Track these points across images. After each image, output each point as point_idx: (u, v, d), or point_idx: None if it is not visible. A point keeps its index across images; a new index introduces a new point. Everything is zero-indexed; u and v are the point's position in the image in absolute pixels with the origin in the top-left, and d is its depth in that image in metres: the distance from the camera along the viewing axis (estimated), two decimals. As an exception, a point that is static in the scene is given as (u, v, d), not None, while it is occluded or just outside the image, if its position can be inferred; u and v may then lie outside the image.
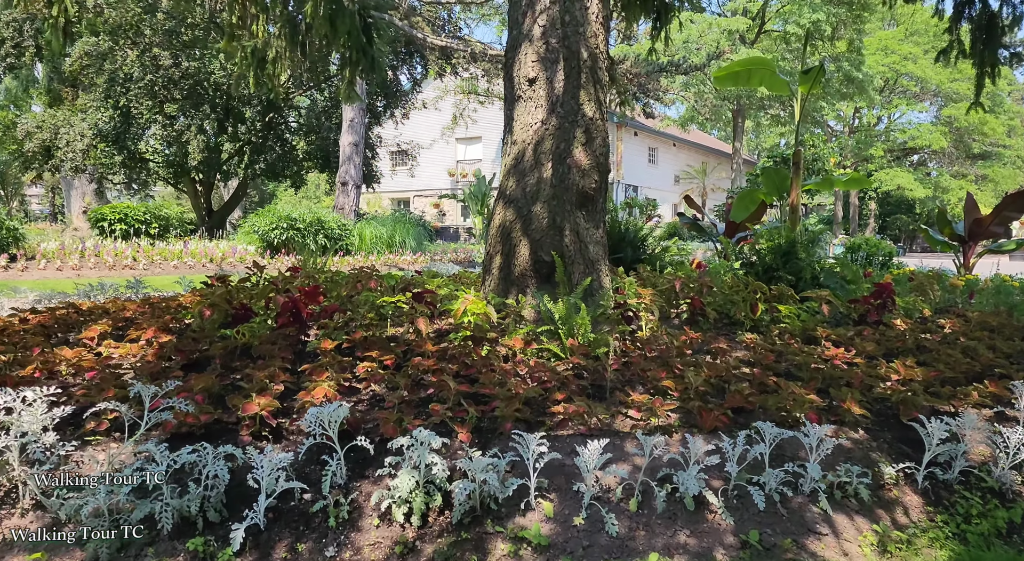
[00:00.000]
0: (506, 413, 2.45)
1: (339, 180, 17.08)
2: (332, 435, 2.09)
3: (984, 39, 5.50)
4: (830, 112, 35.85)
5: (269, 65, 7.57)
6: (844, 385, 3.02)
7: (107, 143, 19.63)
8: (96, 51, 18.26)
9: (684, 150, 40.73)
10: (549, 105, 4.43)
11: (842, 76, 26.27)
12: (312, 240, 13.07)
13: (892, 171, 39.14)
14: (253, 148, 23.61)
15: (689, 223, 9.18)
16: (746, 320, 4.18)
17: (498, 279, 4.48)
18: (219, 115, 21.37)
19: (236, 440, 2.25)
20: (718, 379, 3.06)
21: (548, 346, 3.41)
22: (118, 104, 19.10)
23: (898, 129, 41.82)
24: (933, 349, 3.50)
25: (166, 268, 10.63)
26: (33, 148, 18.39)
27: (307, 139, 23.49)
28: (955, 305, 5.31)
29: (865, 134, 40.81)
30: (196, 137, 19.00)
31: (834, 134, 45.03)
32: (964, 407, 2.86)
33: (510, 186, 4.50)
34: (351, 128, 16.70)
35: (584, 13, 4.47)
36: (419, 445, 2.04)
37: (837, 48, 26.16)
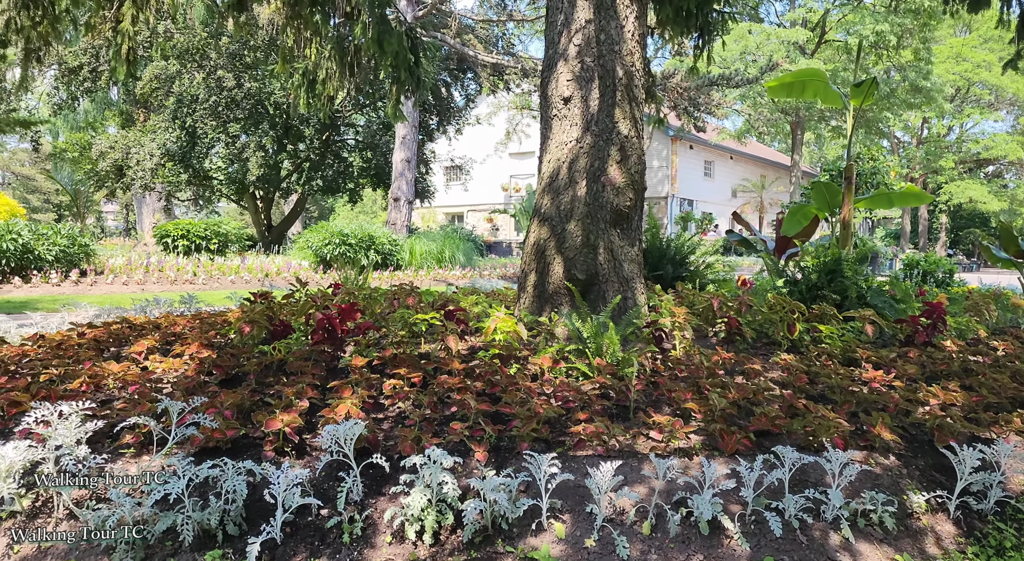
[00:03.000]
0: (523, 432, 2.46)
1: (391, 196, 17.46)
2: (348, 452, 2.15)
3: (1047, 48, 5.26)
4: (896, 123, 34.60)
5: (319, 85, 7.86)
6: (879, 409, 2.92)
7: (174, 162, 20.64)
8: (165, 74, 19.28)
9: (741, 163, 39.96)
10: (584, 123, 4.45)
11: (908, 85, 25.35)
12: (364, 255, 13.38)
13: (964, 183, 37.42)
14: (311, 165, 24.41)
15: (738, 240, 8.99)
16: (783, 340, 4.07)
17: (532, 296, 4.51)
18: (278, 133, 22.20)
19: (260, 455, 2.33)
20: (746, 401, 3.00)
21: (576, 365, 3.41)
22: (184, 124, 20.07)
23: (971, 139, 39.98)
24: (980, 373, 3.34)
25: (223, 283, 11.06)
26: (106, 167, 19.49)
27: (363, 156, 24.14)
28: (1012, 326, 5.04)
29: (935, 145, 39.19)
30: (255, 154, 19.77)
31: (901, 145, 43.42)
32: (1005, 434, 2.72)
33: (544, 204, 4.54)
34: (403, 144, 17.08)
35: (620, 32, 4.49)
36: (431, 464, 2.08)
37: (903, 57, 25.31)
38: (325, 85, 7.90)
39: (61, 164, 30.62)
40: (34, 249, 9.86)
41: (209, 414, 2.35)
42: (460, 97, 25.66)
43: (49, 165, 33.68)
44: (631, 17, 4.52)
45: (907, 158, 39.49)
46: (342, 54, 7.51)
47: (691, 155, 36.76)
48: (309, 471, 2.17)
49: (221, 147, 20.62)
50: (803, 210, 7.95)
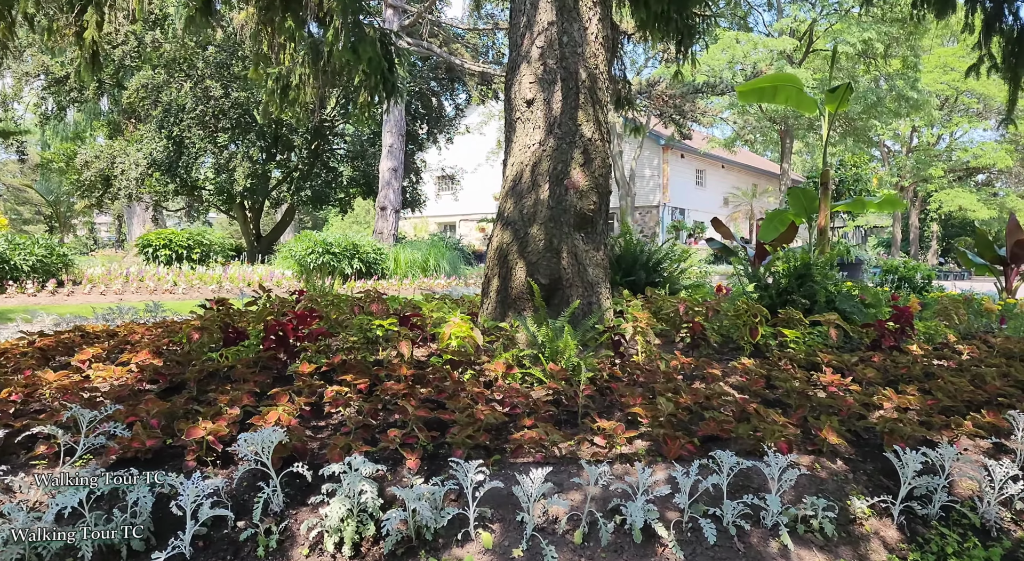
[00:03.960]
0: (458, 439, 2.39)
1: (378, 205, 17.40)
2: (266, 461, 2.07)
3: (1016, 53, 5.24)
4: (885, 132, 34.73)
5: (292, 91, 7.80)
6: (832, 413, 2.85)
7: (161, 172, 20.55)
8: (151, 84, 19.22)
9: (733, 172, 40.08)
10: (546, 126, 4.40)
11: (896, 94, 25.45)
12: (347, 264, 13.31)
13: (953, 191, 37.54)
14: (300, 175, 24.34)
15: (718, 247, 8.96)
16: (746, 345, 4.01)
17: (495, 302, 4.45)
18: (267, 143, 22.14)
19: (182, 466, 2.25)
20: (698, 406, 2.93)
21: (531, 371, 3.34)
22: (171, 134, 20.01)
23: (960, 148, 40.17)
24: (940, 376, 3.28)
25: (204, 292, 10.96)
26: (91, 177, 19.38)
27: (353, 165, 24.10)
28: (986, 331, 4.99)
29: (924, 153, 39.35)
30: (242, 164, 19.70)
31: (891, 154, 43.60)
32: (956, 438, 2.66)
33: (508, 208, 4.48)
34: (390, 154, 17.03)
35: (583, 34, 4.45)
36: (351, 472, 2.00)
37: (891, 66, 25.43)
38: (298, 90, 7.85)
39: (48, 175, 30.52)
40: (9, 259, 9.75)
41: (131, 422, 2.27)
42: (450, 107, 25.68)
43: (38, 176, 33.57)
44: (594, 19, 4.48)
45: (897, 167, 39.62)
46: (315, 59, 7.46)
47: (682, 164, 36.84)
48: (225, 481, 2.09)
49: (208, 157, 20.55)
50: (780, 216, 7.92)
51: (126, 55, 20.23)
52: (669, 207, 36.08)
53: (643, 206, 35.76)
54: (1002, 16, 5.21)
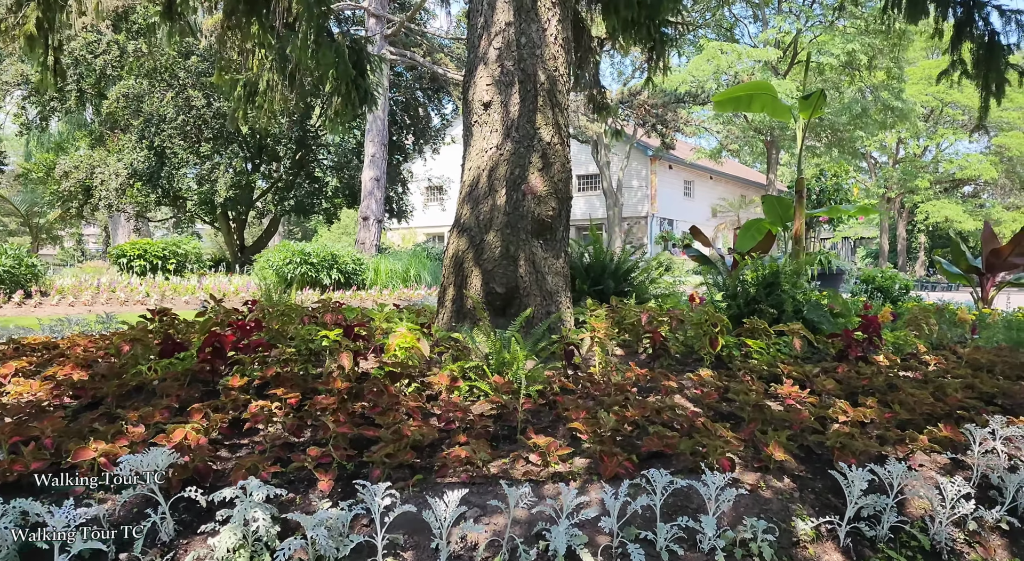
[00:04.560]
0: (376, 458, 2.22)
1: (360, 215, 17.25)
2: (153, 485, 1.90)
3: (986, 59, 5.16)
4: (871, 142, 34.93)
5: (259, 98, 7.66)
6: (785, 427, 2.71)
7: (142, 182, 20.33)
8: (133, 93, 19.05)
9: (721, 183, 40.19)
10: (504, 130, 4.27)
11: (881, 105, 25.58)
12: (326, 275, 13.12)
13: (939, 203, 37.74)
14: (284, 185, 24.17)
15: (696, 256, 8.84)
16: (706, 356, 3.87)
17: (451, 312, 4.29)
18: (250, 153, 21.98)
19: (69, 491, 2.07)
20: (645, 420, 2.78)
21: (477, 383, 3.18)
22: (153, 144, 19.82)
23: (946, 160, 40.43)
24: (901, 388, 3.14)
25: (177, 303, 10.75)
26: (70, 187, 19.14)
27: (338, 175, 23.95)
28: (958, 341, 4.87)
29: (911, 165, 39.57)
30: (225, 174, 19.52)
31: (878, 165, 43.84)
32: (911, 453, 2.52)
33: (464, 214, 4.34)
34: (372, 163, 16.90)
35: (542, 35, 4.33)
36: (245, 497, 1.84)
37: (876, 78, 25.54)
38: (265, 97, 7.71)
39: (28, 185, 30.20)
40: (-26, 269, 9.53)
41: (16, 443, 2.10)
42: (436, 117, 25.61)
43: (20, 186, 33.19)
44: (553, 20, 4.37)
45: (884, 178, 39.80)
46: (283, 65, 7.33)
47: (671, 175, 36.90)
48: (111, 508, 1.92)
49: (189, 167, 20.36)
50: (757, 225, 7.82)
51: (107, 64, 20.08)
52: (657, 218, 36.08)
53: (631, 217, 35.74)
54: (972, 21, 5.14)
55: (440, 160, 33.75)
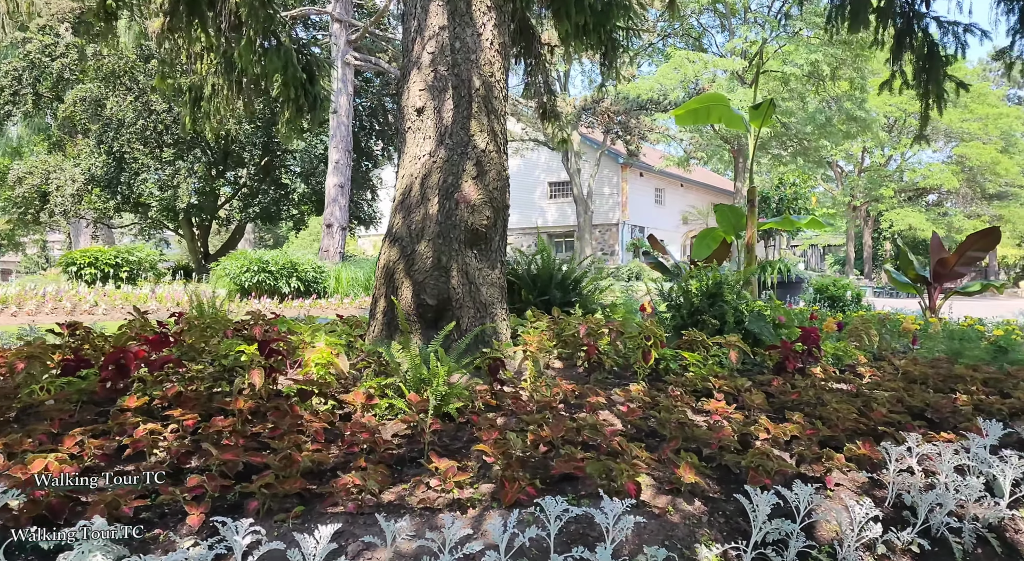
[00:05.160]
0: (253, 489, 2.07)
1: (324, 222, 16.99)
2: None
3: (926, 69, 5.18)
4: (836, 152, 35.49)
5: (205, 103, 7.46)
6: (706, 445, 2.61)
7: (100, 188, 19.83)
8: (90, 97, 18.59)
9: (692, 190, 40.47)
10: (437, 136, 4.15)
11: (844, 116, 25.99)
12: (285, 283, 12.86)
13: (903, 211, 38.47)
14: (250, 191, 23.77)
15: (652, 263, 8.80)
16: (639, 369, 3.77)
17: (382, 324, 4.15)
18: (214, 158, 21.57)
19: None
20: (561, 440, 2.66)
21: (394, 401, 3.04)
22: (111, 149, 19.34)
23: (909, 169, 41.25)
24: (828, 403, 3.06)
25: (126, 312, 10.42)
26: (24, 193, 18.58)
27: (306, 182, 23.63)
28: (902, 351, 4.85)
29: (875, 173, 40.29)
30: (186, 180, 19.12)
31: (844, 174, 44.57)
32: (828, 472, 2.43)
33: (396, 223, 4.21)
34: (336, 170, 16.67)
35: (477, 40, 4.23)
36: (85, 539, 1.68)
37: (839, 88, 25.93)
38: (212, 102, 7.51)
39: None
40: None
41: None
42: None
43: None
44: (489, 25, 4.27)
45: (850, 187, 40.46)
46: (229, 70, 7.14)
47: (642, 183, 37.06)
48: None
49: (150, 173, 19.91)
50: (712, 233, 7.80)
51: (65, 68, 19.59)
52: (629, 225, 36.20)
53: (602, 224, 35.81)
54: (912, 32, 5.16)
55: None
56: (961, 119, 37.89)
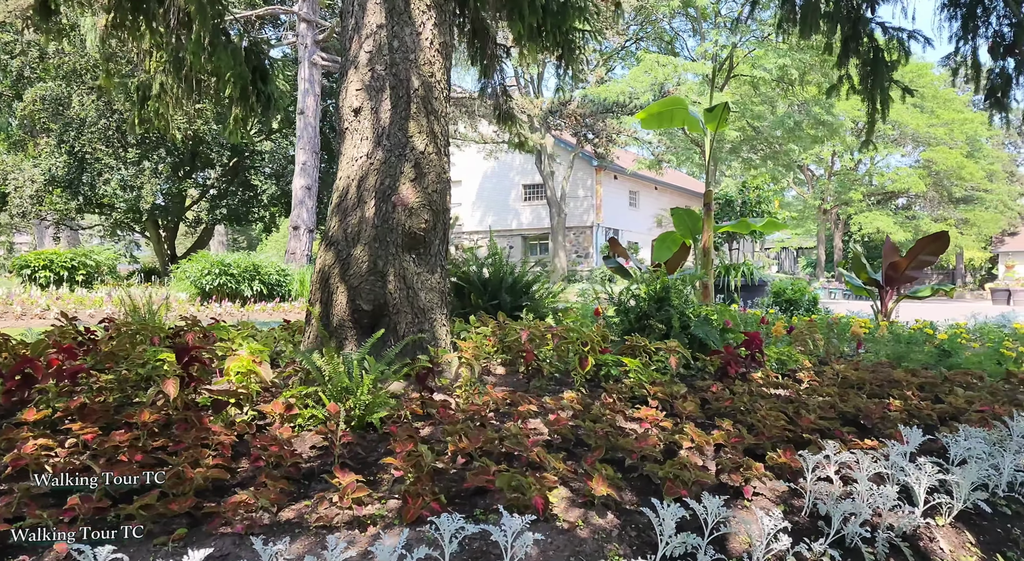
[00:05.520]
0: (132, 510, 1.96)
1: (291, 224, 16.75)
2: None
3: (871, 74, 5.20)
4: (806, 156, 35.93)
5: (152, 102, 7.29)
6: (629, 453, 2.55)
7: (62, 189, 19.38)
8: (50, 96, 18.15)
9: (666, 193, 40.70)
10: (375, 137, 4.06)
11: (812, 120, 26.32)
12: (247, 286, 12.63)
13: (871, 214, 39.07)
14: (218, 193, 23.41)
15: (614, 267, 8.77)
16: (577, 376, 3.71)
17: (317, 330, 4.04)
18: (180, 159, 21.20)
19: None
20: (479, 451, 2.58)
21: (314, 411, 2.94)
22: (73, 149, 18.91)
23: (878, 173, 41.93)
24: (757, 410, 3.02)
25: (82, 316, 10.15)
26: (-22, 193, 18.09)
27: (276, 183, 23.32)
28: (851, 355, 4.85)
29: (845, 177, 40.88)
30: (150, 181, 18.74)
31: (815, 178, 45.16)
32: (747, 482, 2.38)
33: (333, 227, 4.10)
34: (303, 171, 16.44)
35: (416, 39, 4.14)
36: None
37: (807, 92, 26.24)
38: (159, 101, 7.34)
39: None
40: None
41: None
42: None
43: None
44: (428, 24, 4.18)
45: (820, 190, 41.01)
46: (177, 68, 6.97)
47: (616, 185, 37.19)
48: None
49: (114, 173, 19.49)
50: (672, 237, 7.78)
51: (26, 66, 19.12)
52: (603, 227, 36.29)
53: (577, 226, 35.86)
54: (858, 37, 5.17)
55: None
56: (928, 124, 38.59)
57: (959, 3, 4.90)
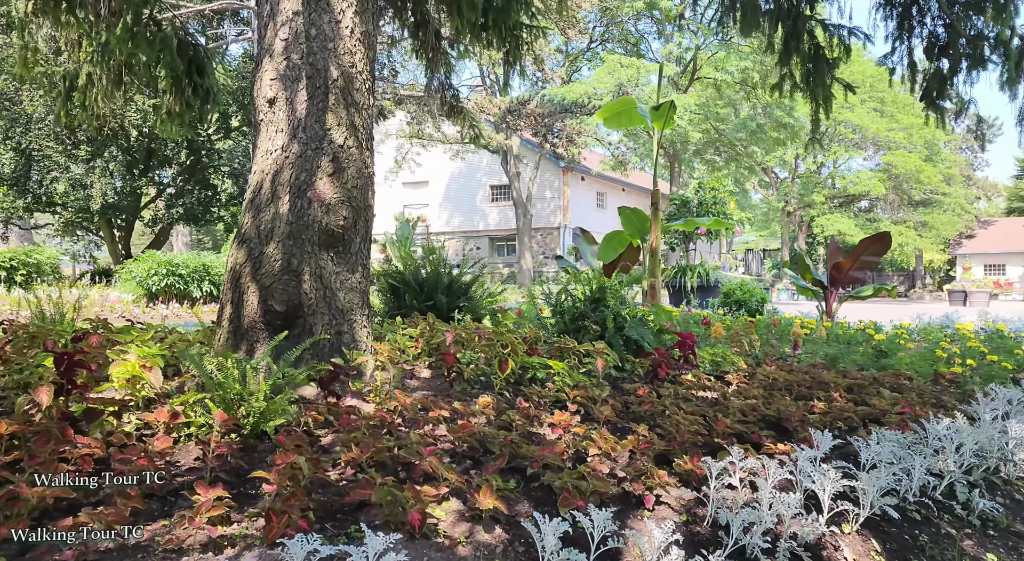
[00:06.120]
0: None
1: (246, 224, 16.32)
2: None
3: (813, 72, 5.15)
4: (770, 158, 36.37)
5: (79, 94, 6.97)
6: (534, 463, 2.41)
7: (8, 187, 18.69)
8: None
9: (633, 194, 40.87)
10: (291, 130, 3.87)
11: (774, 123, 26.64)
12: (197, 287, 12.27)
13: (833, 216, 39.71)
14: (176, 192, 22.85)
15: (566, 267, 8.65)
16: (497, 380, 3.56)
17: (228, 332, 3.82)
18: (135, 157, 20.61)
19: None
20: (370, 461, 2.41)
21: (207, 419, 2.74)
22: (19, 146, 18.25)
23: (840, 176, 42.66)
24: (675, 413, 2.91)
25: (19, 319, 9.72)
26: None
27: (236, 182, 22.81)
28: (790, 355, 4.79)
29: (808, 180, 41.49)
30: (100, 179, 18.17)
31: (779, 180, 45.81)
32: (646, 490, 2.26)
33: (246, 223, 3.89)
34: (259, 170, 16.03)
35: (335, 27, 3.95)
36: None
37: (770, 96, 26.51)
38: (88, 93, 7.03)
39: None
40: None
41: None
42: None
43: None
44: (349, 12, 4.00)
45: (784, 192, 41.57)
46: (106, 58, 6.67)
47: (583, 186, 37.24)
48: None
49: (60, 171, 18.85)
50: (618, 236, 7.68)
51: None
52: (570, 229, 36.29)
53: (544, 227, 35.82)
54: (799, 35, 5.12)
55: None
56: (888, 128, 39.36)
57: (894, 3, 4.87)
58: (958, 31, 4.56)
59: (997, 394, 3.22)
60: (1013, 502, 2.68)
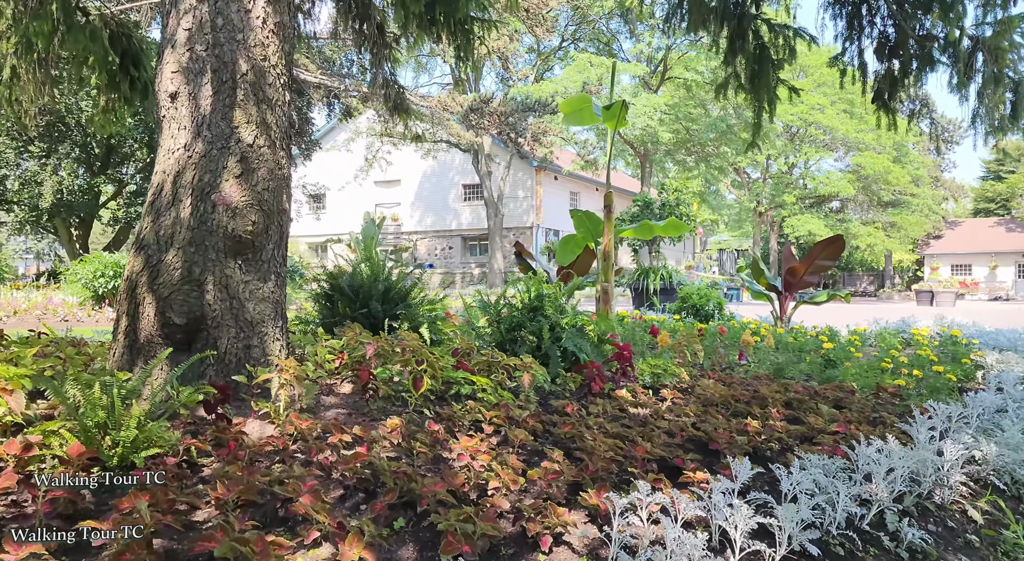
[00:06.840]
0: None
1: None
2: None
3: (756, 73, 4.98)
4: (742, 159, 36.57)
5: (3, 87, 6.60)
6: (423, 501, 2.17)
7: (-47, 184, 18.01)
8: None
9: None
10: (194, 127, 3.57)
11: (744, 123, 26.72)
12: (146, 289, 11.79)
13: (803, 217, 40.06)
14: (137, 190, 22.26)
15: (523, 265, 8.43)
16: (411, 399, 3.31)
17: (124, 347, 3.53)
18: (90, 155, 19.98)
19: None
20: (240, 502, 2.15)
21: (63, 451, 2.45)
22: (-35, 142, 17.58)
23: (811, 177, 43.06)
24: (596, 437, 2.68)
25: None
26: None
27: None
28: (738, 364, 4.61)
29: (779, 181, 41.81)
30: (51, 177, 17.55)
31: (751, 181, 46.13)
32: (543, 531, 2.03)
33: (144, 228, 3.59)
34: (216, 169, 15.58)
35: (244, 17, 3.68)
36: None
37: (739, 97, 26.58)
38: (12, 87, 6.66)
39: None
40: None
41: None
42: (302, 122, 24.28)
43: None
44: (260, 1, 3.72)
45: (755, 193, 41.83)
46: (29, 50, 6.30)
47: (556, 186, 37.09)
48: None
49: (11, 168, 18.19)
50: (575, 239, 7.48)
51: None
52: (543, 228, 36.13)
53: (516, 227, 35.61)
54: (745, 36, 4.94)
55: (323, 168, 32.29)
56: (857, 129, 39.77)
57: (844, 1, 4.71)
58: (906, 31, 4.41)
59: (936, 411, 3.05)
60: (946, 530, 2.50)
